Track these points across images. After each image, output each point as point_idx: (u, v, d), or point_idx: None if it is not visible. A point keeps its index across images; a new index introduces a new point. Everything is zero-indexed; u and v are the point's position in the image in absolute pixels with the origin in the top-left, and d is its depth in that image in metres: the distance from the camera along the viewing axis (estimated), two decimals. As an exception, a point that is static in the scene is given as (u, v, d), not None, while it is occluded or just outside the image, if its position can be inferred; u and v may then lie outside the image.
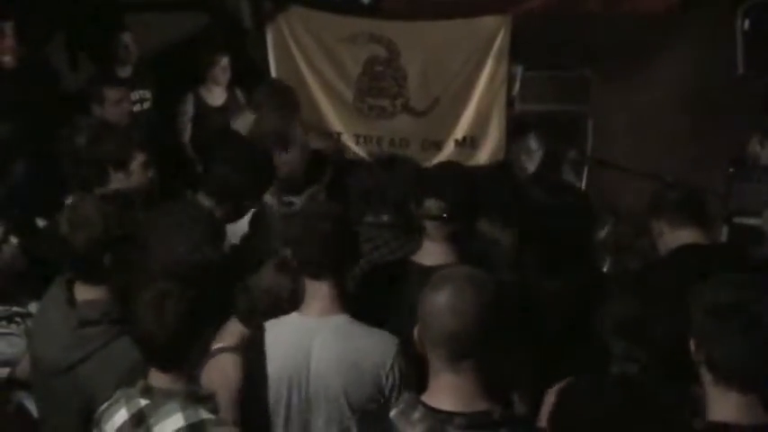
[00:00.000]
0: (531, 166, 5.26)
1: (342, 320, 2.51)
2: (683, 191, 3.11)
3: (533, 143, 5.26)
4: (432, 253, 2.79)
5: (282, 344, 2.51)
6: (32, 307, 2.96)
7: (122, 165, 3.47)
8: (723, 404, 1.75)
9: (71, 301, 2.61)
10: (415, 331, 1.86)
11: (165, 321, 2.23)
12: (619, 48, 5.89)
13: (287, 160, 4.03)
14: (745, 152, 5.17)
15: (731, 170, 4.91)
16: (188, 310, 2.25)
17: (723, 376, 1.76)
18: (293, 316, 2.56)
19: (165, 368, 2.28)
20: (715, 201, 4.14)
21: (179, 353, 2.28)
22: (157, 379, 2.29)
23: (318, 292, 2.53)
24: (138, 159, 3.51)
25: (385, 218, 3.18)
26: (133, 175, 3.49)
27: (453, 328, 1.77)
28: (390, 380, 2.44)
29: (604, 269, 4.03)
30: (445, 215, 2.75)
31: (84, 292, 2.60)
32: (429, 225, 2.79)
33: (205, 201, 3.28)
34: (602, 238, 4.04)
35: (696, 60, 6.00)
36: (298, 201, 4.10)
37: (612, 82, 5.95)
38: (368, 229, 3.15)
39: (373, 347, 2.46)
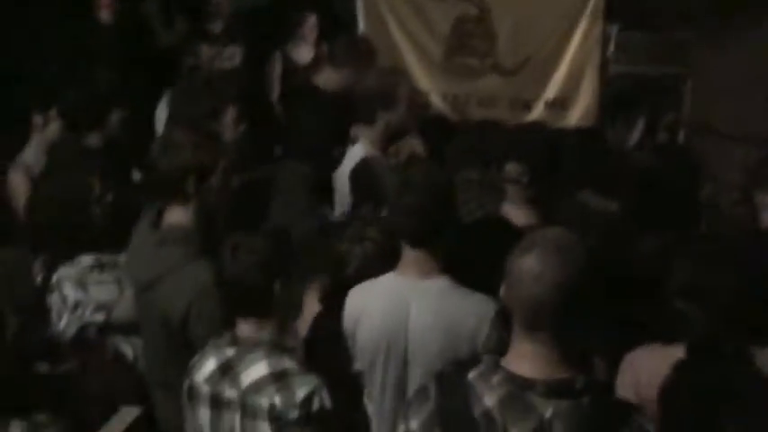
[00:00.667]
0: (634, 138, 5.05)
1: (442, 283, 2.49)
2: None
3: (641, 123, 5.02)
4: (512, 216, 2.75)
5: (380, 304, 2.50)
6: (123, 257, 3.05)
7: (215, 115, 3.52)
8: None
9: (156, 223, 2.70)
10: (502, 290, 1.83)
11: (239, 268, 2.29)
12: (718, 7, 5.64)
13: (389, 119, 4.00)
14: None
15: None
16: (260, 262, 2.30)
17: None
18: (390, 276, 2.55)
19: (247, 315, 2.33)
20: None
21: (261, 301, 2.32)
22: (244, 329, 2.34)
23: (415, 257, 2.52)
24: (231, 113, 3.56)
25: (474, 175, 3.14)
26: (225, 128, 3.54)
27: (534, 295, 1.73)
28: (488, 342, 2.43)
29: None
30: (525, 179, 2.70)
31: (170, 216, 2.69)
32: (510, 188, 2.75)
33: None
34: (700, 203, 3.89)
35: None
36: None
37: (711, 43, 5.70)
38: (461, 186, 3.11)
39: (469, 312, 2.44)
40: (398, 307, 2.48)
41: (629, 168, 3.10)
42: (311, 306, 2.74)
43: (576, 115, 5.06)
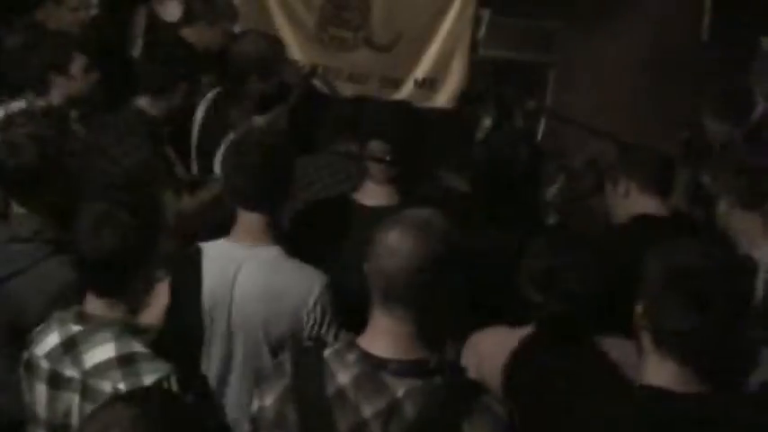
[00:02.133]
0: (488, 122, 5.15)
1: (271, 252, 2.46)
2: (661, 156, 3.03)
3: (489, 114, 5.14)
4: (374, 194, 2.75)
5: (210, 269, 2.46)
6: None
7: (62, 69, 3.33)
8: (660, 370, 1.76)
9: (4, 214, 2.51)
10: (365, 267, 1.83)
11: (102, 244, 2.12)
12: (589, 2, 5.82)
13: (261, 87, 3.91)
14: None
15: (686, 135, 4.91)
16: (128, 235, 2.14)
17: (665, 346, 1.76)
18: (221, 242, 2.51)
19: (101, 293, 2.19)
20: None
21: (117, 278, 2.18)
22: (94, 306, 2.19)
23: (248, 221, 2.48)
24: (79, 62, 3.38)
25: (352, 148, 3.11)
26: (75, 79, 3.36)
27: (389, 268, 1.75)
28: (312, 317, 2.41)
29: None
30: (388, 158, 2.70)
31: (18, 206, 2.51)
32: (372, 166, 2.74)
33: (143, 102, 3.18)
34: (551, 194, 4.01)
35: (663, 22, 5.96)
36: (259, 120, 4.00)
37: (580, 35, 5.89)
38: (331, 158, 3.12)
39: (297, 283, 2.42)
40: (225, 274, 2.44)
41: (479, 151, 3.14)
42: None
43: (444, 97, 5.11)
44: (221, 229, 2.60)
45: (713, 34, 5.98)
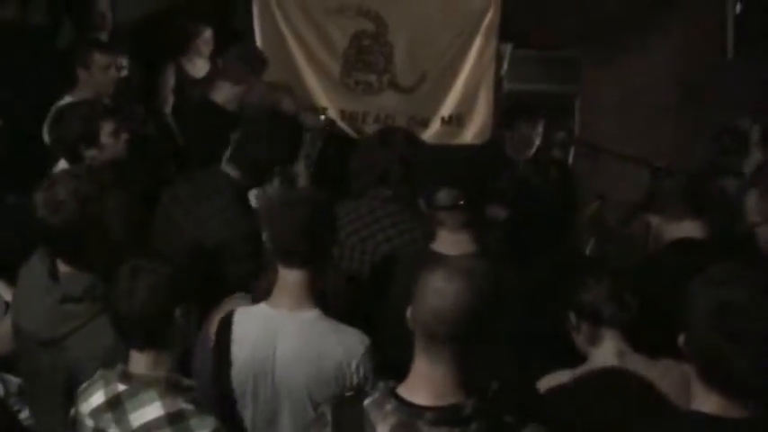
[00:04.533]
0: (532, 149, 5.13)
1: (310, 316, 2.44)
2: (681, 179, 2.99)
3: (540, 127, 5.11)
4: (450, 242, 2.70)
5: (250, 335, 2.45)
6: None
7: (91, 140, 3.40)
8: (708, 397, 1.76)
9: (54, 274, 2.54)
10: (408, 311, 1.85)
11: (134, 299, 2.15)
12: (608, 29, 5.85)
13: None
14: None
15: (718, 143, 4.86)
16: (162, 287, 2.17)
17: (709, 378, 1.76)
18: (262, 307, 2.49)
19: (141, 348, 2.21)
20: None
21: (154, 332, 2.19)
22: (137, 364, 2.22)
23: (290, 281, 2.46)
24: (107, 128, 3.42)
25: (388, 192, 3.11)
26: (105, 147, 3.42)
27: (435, 308, 1.76)
28: (355, 379, 2.39)
29: (586, 251, 4.02)
30: (461, 203, 2.67)
31: (66, 266, 2.55)
32: (445, 216, 2.71)
33: (231, 171, 3.20)
34: (585, 219, 3.99)
35: (687, 43, 5.96)
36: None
37: (602, 63, 5.91)
38: (373, 204, 3.09)
39: (338, 345, 2.40)
40: (267, 339, 2.41)
41: (518, 182, 3.14)
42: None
43: (472, 132, 5.15)
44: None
45: (738, 51, 5.97)
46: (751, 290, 1.73)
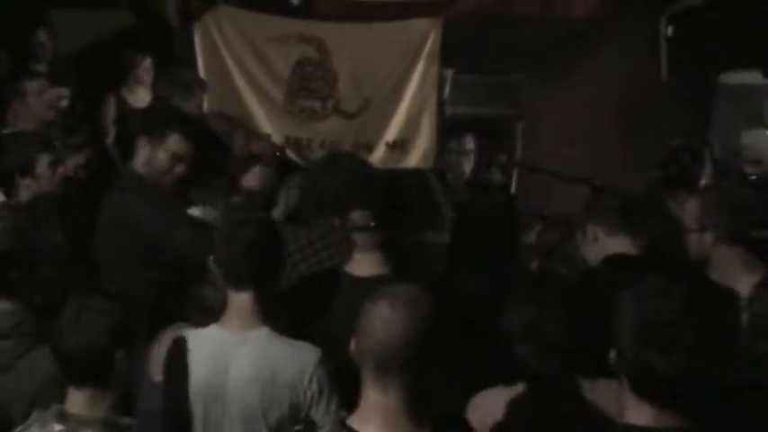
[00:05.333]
0: (468, 166, 5.24)
1: (261, 334, 2.45)
2: (624, 198, 3.04)
3: (469, 143, 5.26)
4: (363, 263, 2.76)
5: (201, 359, 2.44)
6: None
7: (27, 170, 3.37)
8: (639, 409, 1.79)
9: None
10: (352, 344, 1.83)
11: (77, 336, 2.12)
12: (548, 53, 5.98)
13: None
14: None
15: (657, 174, 4.99)
16: (106, 328, 2.13)
17: (639, 390, 1.78)
18: (212, 329, 2.49)
19: (79, 385, 2.16)
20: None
21: (95, 371, 2.15)
22: (75, 403, 2.16)
23: (239, 303, 2.46)
24: (44, 161, 3.41)
25: (336, 221, 3.12)
26: (41, 177, 3.39)
27: (383, 341, 1.76)
28: (309, 394, 2.40)
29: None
30: (373, 224, 2.72)
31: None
32: (357, 236, 2.76)
33: None
34: (530, 242, 4.05)
35: (623, 66, 6.12)
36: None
37: (542, 86, 6.03)
38: (322, 231, 3.09)
39: (290, 361, 2.41)
40: (217, 364, 2.41)
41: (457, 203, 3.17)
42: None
43: (416, 157, 5.18)
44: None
45: (672, 74, 6.14)
46: (676, 302, 1.75)
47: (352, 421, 1.80)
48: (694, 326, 1.74)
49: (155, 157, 3.48)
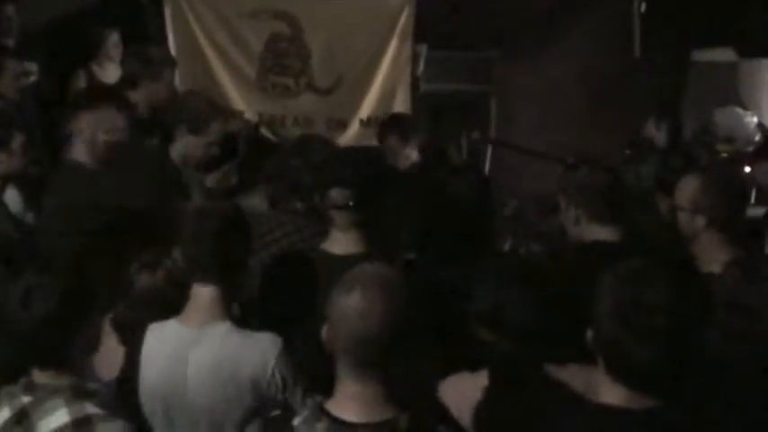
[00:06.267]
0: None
1: (222, 329, 2.39)
2: (610, 183, 2.89)
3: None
4: (340, 241, 2.74)
5: (160, 353, 2.39)
6: None
7: (4, 145, 3.33)
8: (613, 389, 1.79)
9: None
10: (323, 331, 1.80)
11: (32, 317, 2.08)
12: (522, 29, 5.97)
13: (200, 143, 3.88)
14: (642, 134, 5.32)
15: (628, 152, 5.03)
16: (60, 303, 2.10)
17: (615, 373, 1.78)
18: (172, 323, 2.43)
19: (42, 366, 2.15)
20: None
21: (55, 349, 2.13)
22: (40, 375, 2.16)
23: (201, 296, 2.41)
24: (19, 140, 3.38)
25: (299, 205, 3.11)
26: (15, 155, 3.36)
27: (360, 332, 1.72)
28: (273, 385, 2.36)
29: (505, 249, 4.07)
30: (351, 203, 2.70)
31: None
32: (335, 214, 2.74)
33: None
34: (502, 218, 4.06)
35: (596, 42, 6.13)
36: (209, 180, 3.99)
37: (516, 62, 6.03)
38: (281, 215, 3.08)
39: (250, 355, 2.36)
40: (177, 358, 2.36)
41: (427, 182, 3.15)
42: (109, 340, 2.58)
43: (390, 134, 5.17)
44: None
45: (644, 50, 6.17)
46: (657, 286, 1.75)
47: (330, 406, 1.79)
48: (674, 311, 1.73)
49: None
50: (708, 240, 2.80)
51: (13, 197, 3.53)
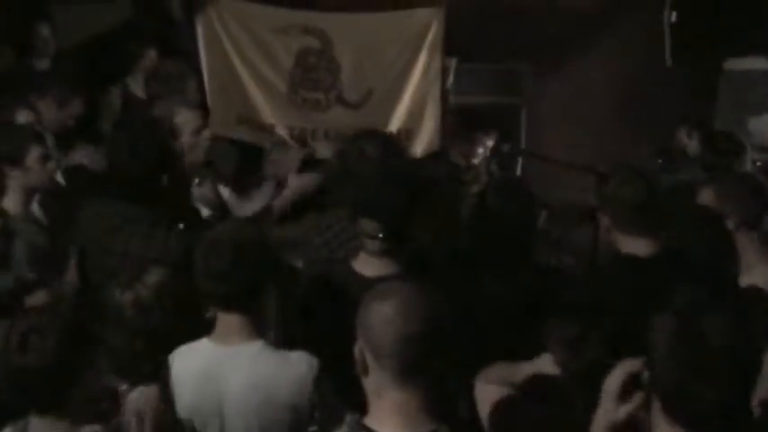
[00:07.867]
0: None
1: (255, 349, 2.36)
2: (644, 194, 2.75)
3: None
4: (372, 265, 2.72)
5: (192, 373, 2.36)
6: None
7: (16, 161, 3.35)
8: (668, 429, 1.70)
9: None
10: (356, 349, 1.79)
11: (29, 359, 2.03)
12: (552, 40, 5.96)
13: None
14: (673, 143, 5.29)
15: (659, 161, 5.00)
16: (59, 345, 2.04)
17: (673, 414, 1.69)
18: (204, 343, 2.41)
19: (41, 412, 2.09)
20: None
21: (53, 393, 2.07)
22: (37, 425, 2.09)
23: (227, 322, 2.38)
24: (34, 154, 3.38)
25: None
26: (30, 171, 3.37)
27: (404, 332, 1.71)
28: (310, 406, 2.34)
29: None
30: (381, 235, 2.68)
31: None
32: (366, 242, 2.72)
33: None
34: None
35: (626, 53, 6.11)
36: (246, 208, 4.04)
37: (546, 74, 6.02)
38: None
39: (288, 374, 2.34)
40: (211, 380, 2.33)
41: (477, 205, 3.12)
42: None
43: (420, 146, 5.18)
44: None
45: (675, 59, 6.12)
46: (720, 323, 1.65)
47: (369, 421, 1.78)
48: (736, 351, 1.64)
49: None
50: (743, 242, 2.77)
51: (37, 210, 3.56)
